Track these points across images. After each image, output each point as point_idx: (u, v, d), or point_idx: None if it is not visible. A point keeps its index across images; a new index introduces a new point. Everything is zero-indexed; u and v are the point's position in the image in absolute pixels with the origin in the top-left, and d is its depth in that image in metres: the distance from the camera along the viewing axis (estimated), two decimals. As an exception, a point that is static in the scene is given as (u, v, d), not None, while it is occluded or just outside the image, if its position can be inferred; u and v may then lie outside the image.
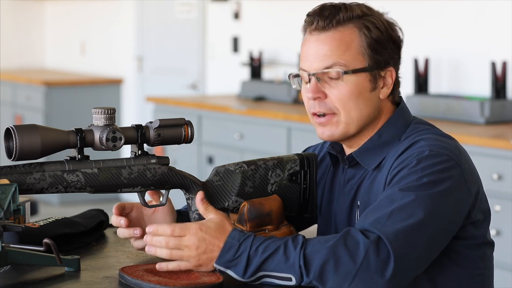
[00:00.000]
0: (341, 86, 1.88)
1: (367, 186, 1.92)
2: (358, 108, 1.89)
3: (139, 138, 1.86)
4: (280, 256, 1.72)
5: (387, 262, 1.69)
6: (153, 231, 1.78)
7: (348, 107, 1.89)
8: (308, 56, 1.91)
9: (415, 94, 4.71)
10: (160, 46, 7.17)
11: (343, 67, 1.87)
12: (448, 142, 1.87)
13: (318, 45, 1.89)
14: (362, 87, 1.89)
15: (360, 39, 1.88)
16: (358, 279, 1.69)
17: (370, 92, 1.90)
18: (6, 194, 1.72)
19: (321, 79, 1.89)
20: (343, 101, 1.88)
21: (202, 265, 1.77)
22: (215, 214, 1.83)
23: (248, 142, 5.23)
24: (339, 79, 1.88)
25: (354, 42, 1.88)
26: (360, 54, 1.88)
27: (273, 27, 6.04)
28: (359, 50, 1.88)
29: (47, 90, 7.36)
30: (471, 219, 1.85)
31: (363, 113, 1.90)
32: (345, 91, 1.88)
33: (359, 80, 1.88)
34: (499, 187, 3.76)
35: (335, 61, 1.87)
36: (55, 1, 8.65)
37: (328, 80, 1.89)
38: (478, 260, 1.89)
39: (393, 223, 1.73)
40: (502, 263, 3.71)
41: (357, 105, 1.89)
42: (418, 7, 4.97)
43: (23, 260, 1.77)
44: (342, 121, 1.90)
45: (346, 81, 1.88)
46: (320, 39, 1.89)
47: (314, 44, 1.90)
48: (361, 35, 1.88)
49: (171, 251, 1.77)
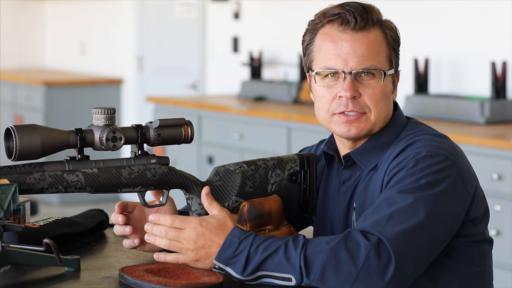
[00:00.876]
0: (375, 86, 1.91)
1: (363, 187, 1.93)
2: (386, 109, 1.93)
3: (139, 138, 1.86)
4: (281, 256, 1.72)
5: (388, 264, 1.69)
6: (154, 219, 1.81)
7: (379, 106, 1.91)
8: (341, 54, 1.90)
9: (415, 94, 4.71)
10: (160, 46, 7.17)
11: (380, 68, 1.90)
12: (444, 141, 1.88)
13: (355, 44, 1.90)
14: (389, 88, 1.94)
15: (386, 42, 1.92)
16: (358, 281, 1.69)
17: (391, 94, 1.95)
18: (6, 194, 1.72)
19: (356, 78, 1.90)
20: (376, 100, 1.91)
21: (200, 260, 1.77)
22: (218, 211, 1.84)
23: (248, 142, 5.23)
24: (373, 79, 1.90)
25: (382, 44, 1.92)
26: (388, 57, 1.93)
27: (273, 27, 6.04)
28: (387, 52, 1.93)
29: (47, 90, 7.36)
30: (470, 217, 1.86)
31: (388, 113, 1.94)
32: (378, 91, 1.91)
33: (387, 81, 1.93)
34: (499, 187, 3.76)
35: (372, 61, 1.90)
36: (55, 1, 8.65)
37: (361, 80, 1.90)
38: (478, 257, 1.90)
39: (393, 225, 1.73)
40: (502, 263, 3.71)
41: (386, 105, 1.93)
42: (418, 7, 4.97)
43: (23, 260, 1.77)
44: (371, 120, 1.92)
45: (380, 82, 1.90)
46: (357, 38, 1.90)
47: (349, 43, 1.90)
48: (385, 37, 1.92)
49: (170, 242, 1.79)
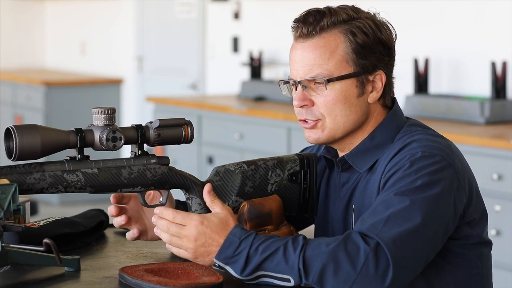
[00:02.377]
0: (327, 93, 1.89)
1: (361, 189, 1.93)
2: (344, 114, 1.90)
3: (139, 138, 1.86)
4: (280, 257, 1.72)
5: (386, 269, 1.69)
6: (158, 213, 1.82)
7: (334, 113, 1.90)
8: (294, 64, 1.92)
9: (415, 94, 4.71)
10: (160, 46, 7.17)
11: (327, 75, 1.88)
12: (441, 142, 1.87)
13: (303, 53, 1.90)
14: (348, 93, 1.89)
15: (345, 45, 1.88)
16: (357, 284, 1.69)
17: (357, 98, 1.90)
18: (6, 194, 1.72)
19: (307, 86, 1.90)
20: (328, 107, 1.89)
21: (199, 258, 1.78)
22: (220, 209, 1.83)
23: (248, 142, 5.23)
24: (324, 87, 1.88)
25: (338, 48, 1.88)
26: (345, 61, 1.88)
27: (273, 27, 6.04)
28: (344, 56, 1.88)
29: (47, 90, 7.36)
30: (466, 218, 1.85)
31: (349, 119, 1.91)
32: (330, 98, 1.89)
33: (345, 86, 1.89)
34: (499, 187, 3.76)
35: (319, 69, 1.88)
36: (55, 1, 8.65)
37: (314, 88, 1.90)
38: (476, 260, 1.89)
39: (390, 228, 1.73)
40: (501, 263, 3.71)
41: (343, 111, 1.90)
42: (418, 7, 4.97)
43: (23, 260, 1.77)
44: (327, 127, 1.91)
45: (331, 88, 1.88)
46: (305, 46, 1.90)
47: (299, 51, 1.91)
48: (346, 40, 1.88)
49: (171, 237, 1.80)
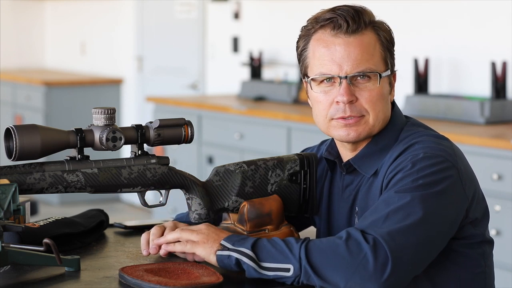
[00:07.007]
0: (372, 88, 1.89)
1: (364, 192, 1.93)
2: (384, 110, 1.92)
3: (139, 138, 1.86)
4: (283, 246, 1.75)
5: (385, 264, 1.70)
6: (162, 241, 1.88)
7: (377, 109, 1.90)
8: (336, 59, 1.89)
9: (415, 94, 4.71)
10: (160, 46, 7.17)
11: (375, 70, 1.89)
12: (443, 143, 1.88)
13: (348, 48, 1.89)
14: (385, 89, 1.92)
15: (380, 43, 1.91)
16: (355, 278, 1.70)
17: (389, 95, 1.94)
18: (6, 194, 1.72)
19: (351, 82, 1.89)
20: (373, 103, 1.90)
21: (209, 241, 1.80)
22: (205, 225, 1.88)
23: (248, 142, 5.23)
24: (369, 82, 1.89)
25: (376, 46, 1.91)
26: (382, 58, 1.91)
27: (273, 27, 6.04)
28: (381, 53, 1.91)
29: (47, 90, 7.36)
30: (469, 218, 1.86)
31: (386, 115, 1.93)
32: (375, 94, 1.90)
33: (384, 82, 1.92)
34: (499, 187, 3.76)
35: (367, 63, 1.89)
36: (55, 1, 8.65)
37: (357, 83, 1.89)
38: (479, 259, 1.90)
39: (390, 224, 1.74)
40: (502, 263, 3.71)
41: (384, 107, 1.92)
42: (419, 7, 4.97)
43: (23, 260, 1.77)
44: (369, 123, 1.91)
45: (376, 84, 1.89)
46: (350, 42, 1.89)
47: (343, 47, 1.89)
48: (378, 39, 1.91)
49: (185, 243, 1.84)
